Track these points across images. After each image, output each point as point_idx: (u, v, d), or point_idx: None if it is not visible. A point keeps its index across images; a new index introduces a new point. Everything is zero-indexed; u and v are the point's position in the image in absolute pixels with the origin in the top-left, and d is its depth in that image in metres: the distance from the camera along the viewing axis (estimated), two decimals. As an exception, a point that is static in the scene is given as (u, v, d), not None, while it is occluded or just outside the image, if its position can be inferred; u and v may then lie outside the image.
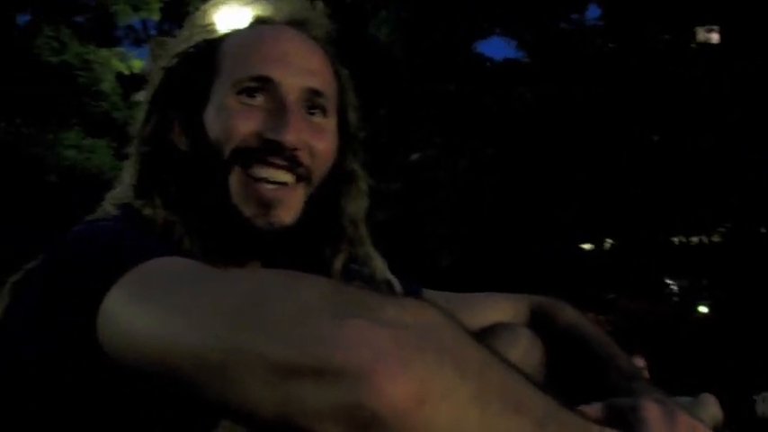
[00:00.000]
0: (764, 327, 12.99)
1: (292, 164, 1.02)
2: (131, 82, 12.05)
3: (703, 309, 15.12)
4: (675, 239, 14.92)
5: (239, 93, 1.03)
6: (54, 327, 0.85)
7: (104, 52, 12.12)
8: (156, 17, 12.32)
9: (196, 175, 1.06)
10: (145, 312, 0.72)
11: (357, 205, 1.17)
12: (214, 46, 1.10)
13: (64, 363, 0.83)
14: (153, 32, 13.78)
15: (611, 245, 15.28)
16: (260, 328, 0.62)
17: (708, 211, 13.75)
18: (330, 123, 1.09)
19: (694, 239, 14.96)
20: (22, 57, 11.52)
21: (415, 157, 14.41)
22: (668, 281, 15.50)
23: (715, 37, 14.61)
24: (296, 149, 1.02)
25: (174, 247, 0.98)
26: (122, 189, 1.09)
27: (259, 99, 1.03)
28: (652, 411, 0.80)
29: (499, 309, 1.24)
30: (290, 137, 1.01)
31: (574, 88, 13.72)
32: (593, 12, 15.00)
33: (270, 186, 1.02)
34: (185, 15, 1.21)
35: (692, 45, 14.46)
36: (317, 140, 1.05)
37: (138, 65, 12.51)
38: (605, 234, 15.11)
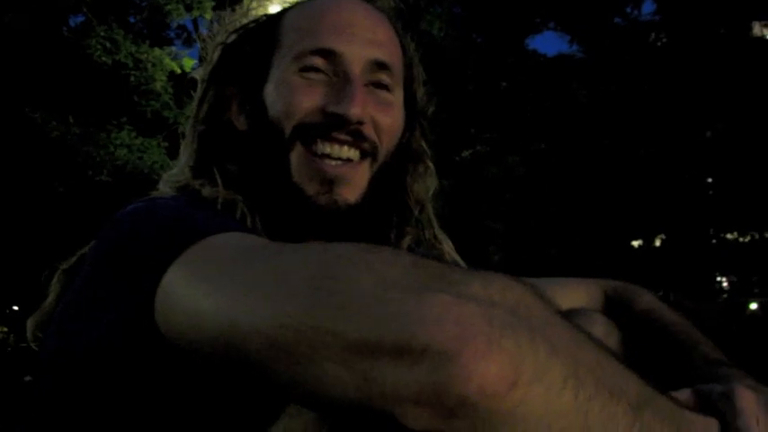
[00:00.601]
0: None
1: (357, 138, 0.98)
2: (183, 81, 11.73)
3: (754, 305, 14.94)
4: (728, 236, 14.73)
5: (300, 66, 0.99)
6: (111, 311, 0.79)
7: (156, 52, 12.02)
8: (208, 16, 12.19)
9: (256, 153, 1.01)
10: (208, 290, 0.66)
11: (424, 185, 1.13)
12: (275, 20, 1.06)
13: (123, 350, 0.78)
14: (204, 31, 13.60)
15: (662, 241, 15.15)
16: (336, 304, 0.57)
17: (759, 206, 13.57)
18: (396, 97, 1.04)
19: (745, 236, 14.76)
20: (75, 57, 11.51)
21: (466, 153, 14.46)
22: (719, 277, 15.34)
23: (772, 32, 14.39)
24: (360, 123, 0.97)
25: (237, 223, 0.92)
26: (179, 170, 1.04)
27: (322, 73, 0.99)
28: (747, 398, 0.72)
29: (572, 294, 1.15)
30: (354, 110, 0.96)
31: (628, 84, 13.60)
32: (648, 6, 14.75)
33: (333, 163, 0.98)
34: (238, 13, 1.16)
35: (748, 39, 14.24)
36: (383, 114, 1.01)
37: (189, 64, 12.33)
38: (656, 230, 14.98)
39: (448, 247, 1.15)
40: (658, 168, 13.55)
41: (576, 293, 1.15)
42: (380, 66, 1.01)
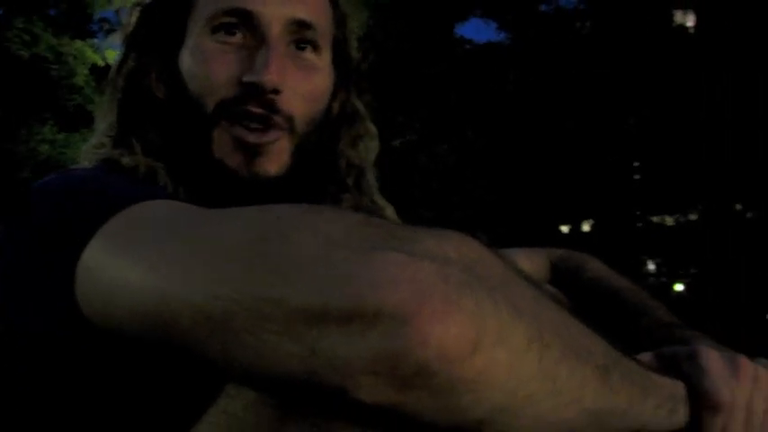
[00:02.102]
0: (739, 302, 13.22)
1: (272, 110, 0.91)
2: (106, 74, 11.63)
3: (679, 287, 15.33)
4: (653, 219, 15.08)
5: (215, 30, 0.92)
6: (30, 298, 0.72)
7: (78, 44, 11.71)
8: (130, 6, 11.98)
9: (175, 123, 0.95)
10: (133, 261, 0.60)
11: (361, 149, 1.06)
12: None
13: (48, 336, 0.71)
14: None
15: (590, 225, 15.42)
16: (275, 269, 0.51)
17: (684, 190, 13.91)
18: (322, 59, 0.97)
19: (670, 219, 15.13)
20: (-8, 50, 11.08)
21: (396, 142, 14.44)
22: (646, 260, 15.69)
23: (691, 20, 14.74)
24: (276, 92, 0.90)
25: (162, 190, 0.87)
26: (97, 141, 0.98)
27: (238, 36, 0.92)
28: (712, 358, 0.70)
29: (522, 261, 1.09)
30: (270, 76, 0.89)
31: (555, 71, 13.77)
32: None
33: (252, 135, 0.92)
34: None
35: (670, 28, 14.56)
36: (304, 80, 0.94)
37: (112, 55, 12.02)
38: (583, 215, 15.24)
39: (390, 212, 1.09)
40: (585, 154, 13.79)
41: (520, 263, 1.06)
42: (302, 25, 0.94)
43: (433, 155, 14.11)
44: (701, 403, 0.68)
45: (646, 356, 0.72)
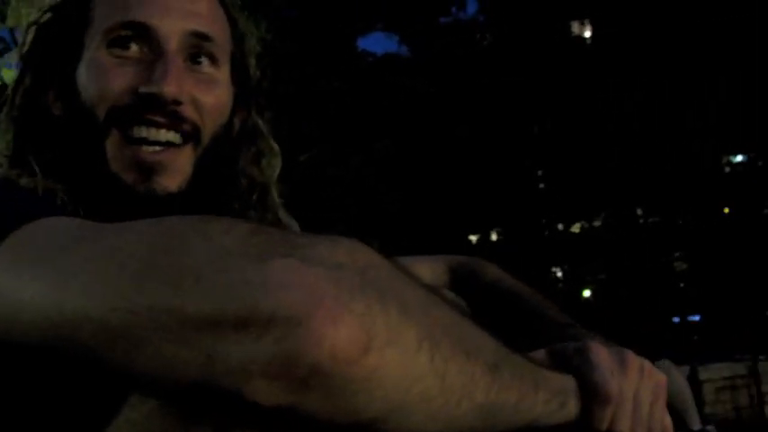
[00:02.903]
0: (644, 304, 13.59)
1: (174, 120, 0.90)
2: (3, 93, 11.34)
3: (587, 293, 15.68)
4: (559, 226, 15.39)
5: (111, 45, 0.91)
6: None
7: None
8: (25, 21, 11.62)
9: (72, 140, 0.93)
10: (31, 276, 0.61)
11: (263, 166, 1.05)
12: None
13: None
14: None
15: (498, 234, 15.62)
16: (170, 279, 0.53)
17: (587, 197, 14.23)
18: (221, 73, 0.96)
19: (575, 226, 15.48)
20: None
21: (303, 157, 14.31)
22: (553, 268, 15.99)
23: (588, 31, 15.15)
24: (177, 103, 0.89)
25: (60, 209, 0.84)
26: None
27: (134, 49, 0.91)
28: (600, 353, 0.73)
29: (417, 271, 1.04)
30: (168, 88, 0.88)
31: (456, 81, 13.93)
32: (472, 6, 15.26)
33: (150, 149, 0.89)
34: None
35: (568, 38, 14.92)
36: (204, 92, 0.93)
37: (9, 74, 11.76)
38: (491, 224, 15.43)
39: (295, 229, 1.10)
40: (491, 163, 13.95)
41: (420, 270, 1.09)
42: (200, 37, 0.93)
43: (346, 167, 14.05)
44: (591, 396, 0.70)
45: (538, 353, 0.74)
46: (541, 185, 15.32)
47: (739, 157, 15.19)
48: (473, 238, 15.50)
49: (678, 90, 13.27)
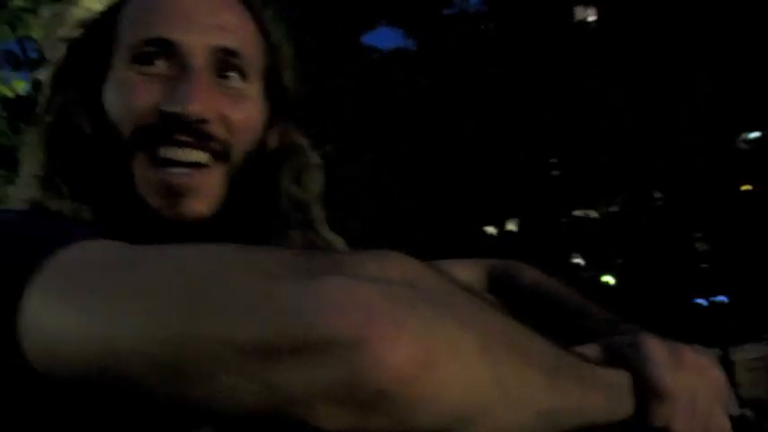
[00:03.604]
0: (665, 289, 13.45)
1: (202, 139, 0.88)
2: (17, 106, 11.33)
3: (608, 278, 15.54)
4: (576, 213, 15.27)
5: (136, 61, 0.90)
6: None
7: None
8: (35, 34, 11.85)
9: (100, 162, 0.92)
10: (73, 311, 0.59)
11: (305, 182, 1.03)
12: (114, 11, 0.95)
13: None
14: (34, 54, 13.37)
15: (516, 225, 15.53)
16: (218, 308, 0.52)
17: (603, 182, 14.12)
18: (251, 89, 0.95)
19: (593, 212, 15.36)
20: None
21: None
22: (573, 255, 15.86)
23: (592, 15, 14.99)
24: (203, 121, 0.88)
25: (93, 233, 0.78)
26: (24, 181, 0.94)
27: (160, 66, 0.90)
28: (654, 347, 0.73)
29: (457, 274, 1.04)
30: (193, 107, 0.86)
31: (464, 72, 13.85)
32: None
33: (176, 171, 0.88)
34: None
35: (571, 24, 14.80)
36: (233, 109, 0.91)
37: (21, 86, 12.05)
38: (507, 215, 15.34)
39: (340, 247, 1.07)
40: (504, 154, 13.87)
41: (458, 275, 1.02)
42: (228, 53, 0.92)
43: (358, 165, 14.01)
44: (646, 391, 0.70)
45: (590, 348, 0.73)
46: (555, 173, 15.18)
47: (757, 134, 14.99)
48: (490, 229, 15.41)
49: (693, 69, 13.10)
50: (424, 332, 0.51)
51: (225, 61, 0.92)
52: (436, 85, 14.16)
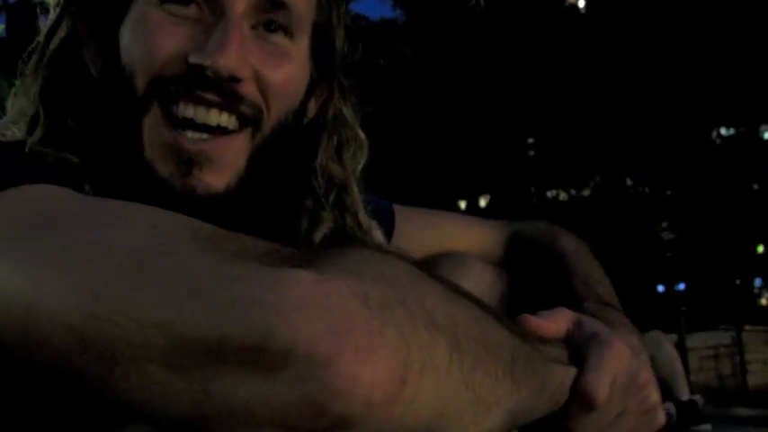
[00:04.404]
0: (631, 274, 13.66)
1: (230, 99, 0.73)
2: None
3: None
4: (548, 194, 15.39)
5: (165, 0, 0.74)
6: None
7: None
8: None
9: (106, 111, 0.77)
10: (3, 258, 0.50)
11: (345, 160, 0.89)
12: None
13: None
14: None
15: (487, 201, 15.62)
16: (163, 289, 0.43)
17: (578, 165, 14.22)
18: (298, 47, 0.79)
19: (564, 194, 15.48)
20: None
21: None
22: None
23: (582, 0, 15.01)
24: (235, 79, 0.73)
25: (66, 182, 0.66)
26: (10, 116, 0.81)
27: (192, 9, 0.74)
28: (619, 353, 0.65)
29: (472, 233, 1.00)
30: (225, 60, 0.70)
31: (449, 47, 13.81)
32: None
33: (195, 135, 0.73)
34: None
35: (562, 7, 14.80)
36: (272, 68, 0.76)
37: None
38: (480, 191, 15.42)
39: (376, 236, 0.94)
40: (481, 130, 13.89)
41: (477, 234, 1.02)
42: (275, 4, 0.76)
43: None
44: (578, 393, 0.63)
45: (565, 316, 0.67)
46: (531, 153, 15.27)
47: (731, 130, 15.18)
48: (462, 204, 15.49)
49: (670, 61, 13.20)
50: (400, 344, 0.43)
51: (270, 13, 0.76)
52: (419, 56, 14.11)
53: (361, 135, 0.92)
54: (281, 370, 0.40)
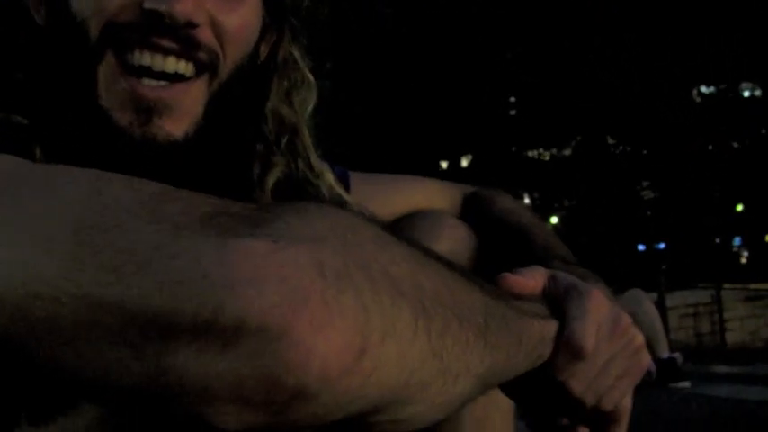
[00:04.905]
0: (610, 233, 13.76)
1: (187, 46, 0.72)
2: None
3: (554, 219, 15.80)
4: (529, 153, 15.42)
5: None
6: None
7: None
8: None
9: (54, 61, 0.75)
10: None
11: (295, 103, 0.88)
12: None
13: None
14: None
15: (468, 161, 15.62)
16: (107, 264, 0.42)
17: (559, 125, 14.23)
18: None
19: (546, 153, 15.52)
20: None
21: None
22: (522, 194, 16.07)
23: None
24: (192, 25, 0.72)
25: (11, 148, 0.63)
26: None
27: None
28: (598, 302, 0.65)
29: (430, 194, 1.01)
30: (181, 6, 0.70)
31: (431, 4, 13.69)
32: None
33: (153, 83, 0.72)
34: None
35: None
36: (228, 13, 0.75)
37: None
38: (461, 151, 15.41)
39: (328, 179, 0.92)
40: (462, 89, 13.83)
41: (434, 194, 1.02)
42: None
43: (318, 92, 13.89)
44: (565, 343, 0.62)
45: (539, 273, 0.67)
46: (513, 112, 15.25)
47: (711, 88, 15.19)
48: (443, 164, 15.49)
49: (651, 18, 13.14)
50: (358, 310, 0.42)
51: None
52: (399, 14, 13.97)
53: (310, 77, 0.90)
54: (234, 344, 0.39)
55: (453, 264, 0.54)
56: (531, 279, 0.66)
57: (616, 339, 0.66)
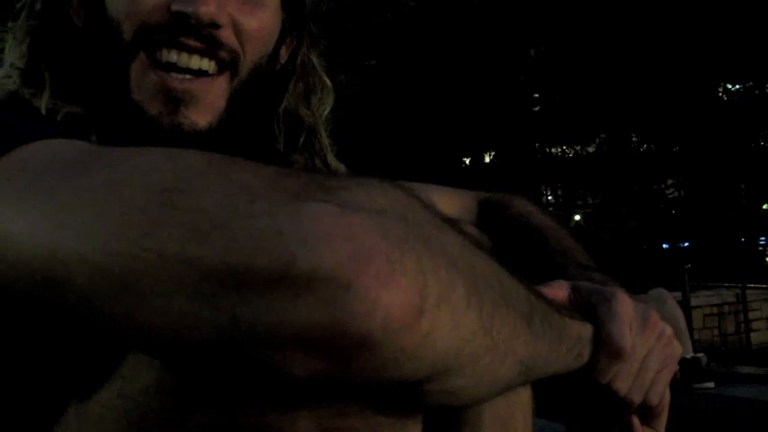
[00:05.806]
0: (633, 231, 13.66)
1: (210, 45, 0.80)
2: None
3: (577, 217, 15.72)
4: (553, 150, 15.34)
5: None
6: None
7: None
8: None
9: (93, 59, 0.83)
10: (20, 209, 0.52)
11: (313, 105, 0.95)
12: None
13: None
14: None
15: (491, 157, 15.57)
16: (186, 223, 0.44)
17: (583, 122, 14.14)
18: None
19: (569, 150, 15.43)
20: None
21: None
22: (545, 191, 16.00)
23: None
24: (215, 26, 0.79)
25: (66, 130, 0.70)
26: (5, 73, 0.84)
27: None
28: (625, 304, 0.68)
29: (444, 201, 1.03)
30: (205, 8, 0.78)
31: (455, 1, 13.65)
32: None
33: (180, 76, 0.80)
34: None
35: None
36: (248, 16, 0.83)
37: None
38: (485, 147, 15.35)
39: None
40: (487, 86, 13.78)
41: (450, 202, 1.04)
42: None
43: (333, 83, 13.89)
44: (603, 346, 0.66)
45: (559, 288, 0.70)
46: (537, 108, 15.17)
47: (737, 86, 15.03)
48: (466, 160, 15.44)
49: (677, 15, 13.02)
50: (418, 273, 0.45)
51: None
52: (423, 7, 13.94)
53: (328, 82, 0.97)
54: (305, 294, 0.42)
55: (500, 258, 0.56)
56: (558, 290, 0.69)
57: (649, 334, 0.70)
